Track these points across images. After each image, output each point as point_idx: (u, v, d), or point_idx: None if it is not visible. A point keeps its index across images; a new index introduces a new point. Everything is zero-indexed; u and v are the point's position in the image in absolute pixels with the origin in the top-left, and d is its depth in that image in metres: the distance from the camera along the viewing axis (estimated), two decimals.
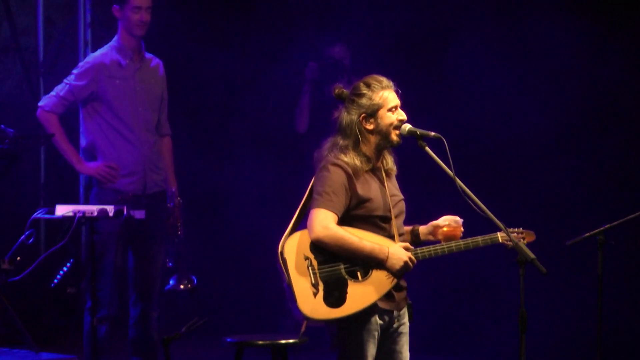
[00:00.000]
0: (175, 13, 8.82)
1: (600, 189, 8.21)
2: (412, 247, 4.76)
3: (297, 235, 4.75)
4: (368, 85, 4.82)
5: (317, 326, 4.74)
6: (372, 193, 4.78)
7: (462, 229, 4.88)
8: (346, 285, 4.69)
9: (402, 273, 4.72)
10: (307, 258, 4.71)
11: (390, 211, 4.81)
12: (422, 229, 4.94)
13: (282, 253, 4.71)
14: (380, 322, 4.79)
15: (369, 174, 4.82)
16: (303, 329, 4.72)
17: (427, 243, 4.90)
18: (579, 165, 8.30)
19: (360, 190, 4.77)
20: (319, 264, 4.70)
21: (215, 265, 8.91)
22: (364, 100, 4.81)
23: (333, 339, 4.79)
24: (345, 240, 4.69)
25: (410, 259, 4.70)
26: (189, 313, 5.82)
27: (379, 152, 4.85)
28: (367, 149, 4.83)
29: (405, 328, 4.92)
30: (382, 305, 4.77)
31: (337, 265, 4.71)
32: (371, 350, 4.78)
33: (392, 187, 4.90)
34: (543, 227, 5.05)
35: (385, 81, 4.83)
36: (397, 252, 4.70)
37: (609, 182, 8.19)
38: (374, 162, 4.84)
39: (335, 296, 4.67)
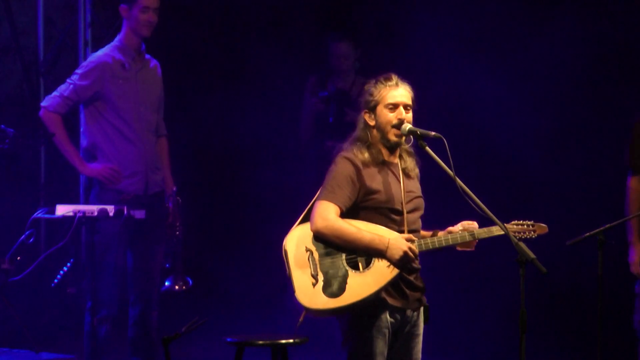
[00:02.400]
0: (177, 12, 8.82)
1: (600, 189, 8.21)
2: (414, 238, 4.78)
3: (300, 227, 4.82)
4: (376, 82, 4.91)
5: (315, 317, 4.76)
6: (381, 185, 4.82)
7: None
8: (347, 276, 4.72)
9: (403, 264, 4.72)
10: (308, 250, 4.76)
11: (402, 204, 4.83)
12: (440, 234, 4.95)
13: (284, 244, 4.77)
14: (391, 320, 4.81)
15: (382, 168, 4.87)
16: (301, 319, 4.77)
17: (447, 248, 4.90)
18: (579, 164, 8.29)
19: (368, 182, 4.82)
20: (320, 255, 4.75)
21: (216, 265, 8.91)
22: (367, 96, 4.91)
23: (344, 336, 4.82)
24: (344, 231, 4.72)
25: (410, 249, 4.71)
26: (189, 313, 5.82)
27: (387, 148, 4.89)
28: (374, 143, 4.88)
29: (419, 330, 4.94)
30: (392, 302, 4.79)
31: (338, 256, 4.73)
32: (380, 347, 4.79)
33: (411, 185, 4.93)
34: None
35: (394, 80, 4.90)
36: (397, 242, 4.72)
37: (609, 182, 8.18)
38: (386, 157, 4.89)
39: (334, 286, 4.71)
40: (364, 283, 4.71)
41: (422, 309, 4.95)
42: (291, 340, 5.40)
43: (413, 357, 4.93)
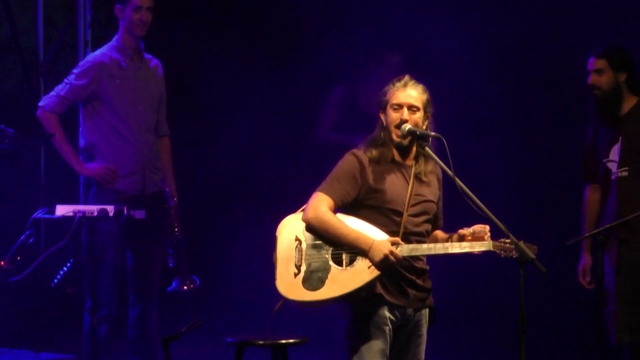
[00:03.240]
0: (177, 12, 8.82)
1: None
2: (401, 242, 4.76)
3: (296, 216, 4.87)
4: (390, 83, 4.94)
5: (293, 307, 4.82)
6: (386, 185, 4.83)
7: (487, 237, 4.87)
8: (328, 271, 4.76)
9: (383, 266, 4.72)
10: (298, 239, 4.81)
11: (404, 206, 4.83)
12: (454, 238, 4.94)
13: (277, 230, 4.84)
14: (391, 317, 4.82)
15: (391, 167, 4.88)
16: (277, 307, 4.84)
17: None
18: (579, 163, 8.29)
19: (372, 180, 4.83)
20: (308, 246, 4.79)
21: (216, 265, 8.91)
22: (381, 96, 4.95)
23: (345, 331, 4.85)
24: (331, 225, 4.74)
25: (392, 252, 4.70)
26: (190, 313, 5.82)
27: (399, 149, 4.88)
28: (386, 142, 4.91)
29: (421, 330, 4.94)
30: (389, 298, 4.80)
31: (325, 249, 4.75)
32: (379, 344, 4.81)
33: (421, 189, 4.92)
34: (543, 227, 5.05)
35: (404, 81, 4.92)
36: (380, 244, 4.72)
37: None
38: (397, 157, 4.89)
39: (314, 280, 4.74)
40: (343, 280, 4.74)
41: (427, 310, 4.95)
42: (291, 340, 5.39)
43: (415, 357, 4.94)
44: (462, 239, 4.85)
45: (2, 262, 6.50)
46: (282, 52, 9.10)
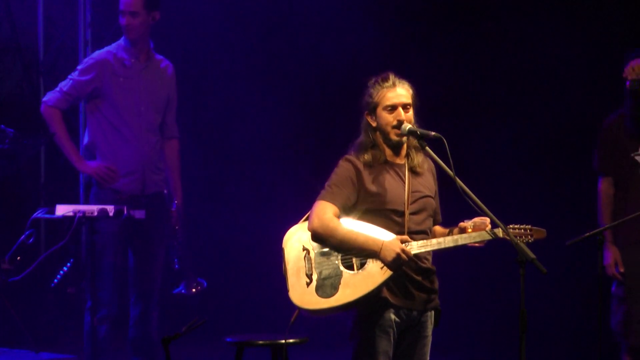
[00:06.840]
0: (178, 12, 8.83)
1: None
2: (409, 240, 4.75)
3: (300, 226, 4.83)
4: (374, 83, 4.89)
5: (309, 316, 4.78)
6: (382, 187, 4.82)
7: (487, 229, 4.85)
8: (340, 277, 4.74)
9: (395, 265, 4.71)
10: (305, 249, 4.78)
11: (404, 205, 4.83)
12: (455, 231, 4.92)
13: (283, 242, 4.80)
14: (396, 319, 4.81)
15: (385, 169, 4.86)
16: (293, 318, 4.81)
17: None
18: (579, 164, 8.30)
19: (369, 184, 4.82)
20: (317, 255, 4.77)
21: (216, 265, 8.91)
22: (367, 98, 4.89)
23: (349, 331, 4.85)
24: (338, 231, 4.73)
25: (403, 251, 4.70)
26: (190, 313, 5.82)
27: (392, 148, 4.88)
28: (378, 144, 4.88)
29: (426, 331, 4.93)
30: (394, 300, 4.79)
31: (334, 256, 4.75)
32: (383, 346, 4.80)
33: (419, 184, 4.91)
34: (542, 227, 5.04)
35: (391, 80, 4.87)
36: (391, 244, 4.71)
37: None
38: (390, 157, 4.88)
39: (327, 287, 4.72)
40: (356, 284, 4.72)
41: (433, 311, 4.94)
42: (291, 340, 5.39)
43: (421, 358, 4.93)
44: (463, 231, 4.83)
45: (2, 262, 6.50)
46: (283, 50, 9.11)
